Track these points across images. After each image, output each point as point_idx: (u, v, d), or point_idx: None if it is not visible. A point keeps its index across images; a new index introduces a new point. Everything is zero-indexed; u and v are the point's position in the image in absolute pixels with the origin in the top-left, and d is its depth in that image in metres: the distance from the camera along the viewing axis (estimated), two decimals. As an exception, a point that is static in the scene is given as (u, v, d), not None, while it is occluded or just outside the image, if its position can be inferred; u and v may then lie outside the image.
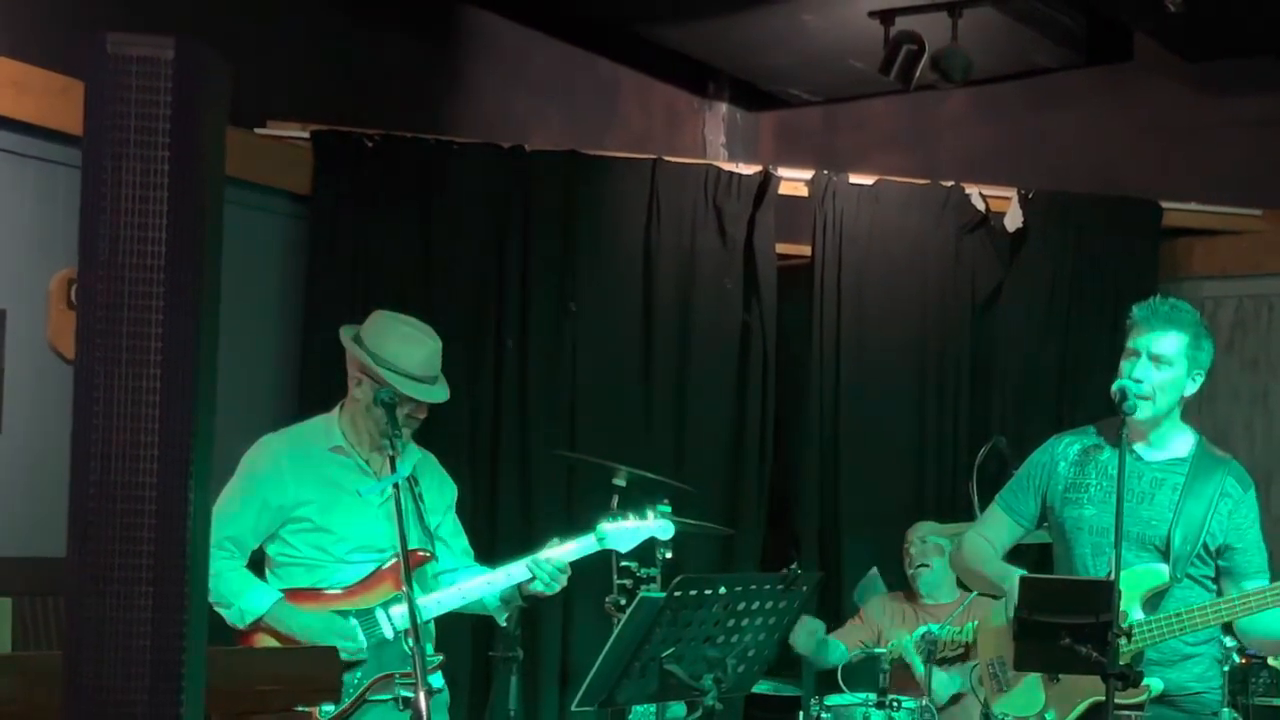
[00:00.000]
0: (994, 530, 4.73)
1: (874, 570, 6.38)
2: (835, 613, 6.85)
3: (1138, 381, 4.36)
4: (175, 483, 1.72)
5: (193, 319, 1.75)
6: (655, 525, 5.13)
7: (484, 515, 6.40)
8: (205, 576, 1.83)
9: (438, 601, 4.82)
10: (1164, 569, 4.36)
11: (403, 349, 4.74)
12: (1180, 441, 4.52)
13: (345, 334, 4.86)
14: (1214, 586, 4.46)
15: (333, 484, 4.81)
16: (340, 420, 4.89)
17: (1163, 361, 4.38)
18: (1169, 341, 4.38)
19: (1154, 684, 4.33)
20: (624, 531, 5.06)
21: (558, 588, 4.94)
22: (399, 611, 4.71)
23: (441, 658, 4.86)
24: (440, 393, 4.84)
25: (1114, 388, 4.34)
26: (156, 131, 1.72)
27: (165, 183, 1.71)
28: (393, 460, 4.51)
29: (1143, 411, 4.37)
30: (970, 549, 4.75)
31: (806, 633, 6.19)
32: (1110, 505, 4.28)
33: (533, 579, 4.88)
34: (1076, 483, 4.54)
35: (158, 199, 1.70)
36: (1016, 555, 4.78)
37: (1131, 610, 4.30)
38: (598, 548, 5.02)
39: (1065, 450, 4.62)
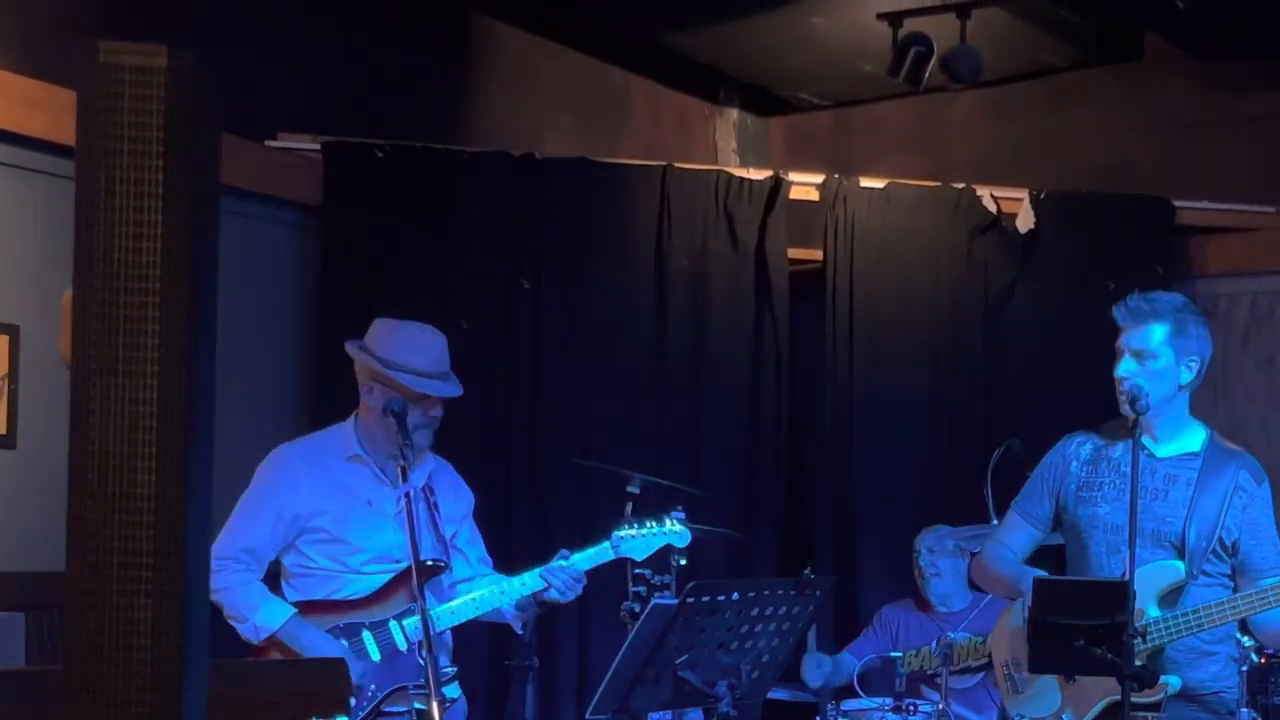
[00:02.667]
0: (1012, 537, 4.73)
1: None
2: (851, 617, 6.83)
3: (1120, 379, 4.38)
4: (173, 493, 1.71)
5: (189, 328, 1.74)
6: (671, 532, 5.12)
7: (498, 523, 6.39)
8: (205, 586, 1.82)
9: (451, 611, 4.81)
10: (1180, 565, 4.34)
11: (410, 349, 4.75)
12: (1190, 435, 4.52)
13: (350, 347, 4.86)
14: (1231, 584, 4.44)
15: (349, 494, 4.80)
16: (356, 429, 4.89)
17: (1145, 355, 4.40)
18: (1147, 335, 4.40)
19: (1171, 682, 4.31)
20: (639, 539, 5.05)
21: (573, 596, 4.93)
22: (413, 622, 4.70)
23: (455, 669, 4.85)
24: (454, 388, 4.84)
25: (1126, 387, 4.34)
26: (150, 140, 1.71)
27: (160, 192, 1.71)
28: (404, 470, 4.50)
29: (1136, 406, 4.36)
30: (990, 557, 4.76)
31: (814, 666, 6.17)
32: (1124, 503, 4.27)
33: (548, 588, 4.87)
34: (1089, 481, 4.54)
35: (152, 208, 1.70)
36: (1040, 558, 4.76)
37: (1148, 608, 4.28)
38: (613, 556, 5.01)
39: (1077, 450, 4.61)
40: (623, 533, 5.04)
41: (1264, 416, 7.29)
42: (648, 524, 5.10)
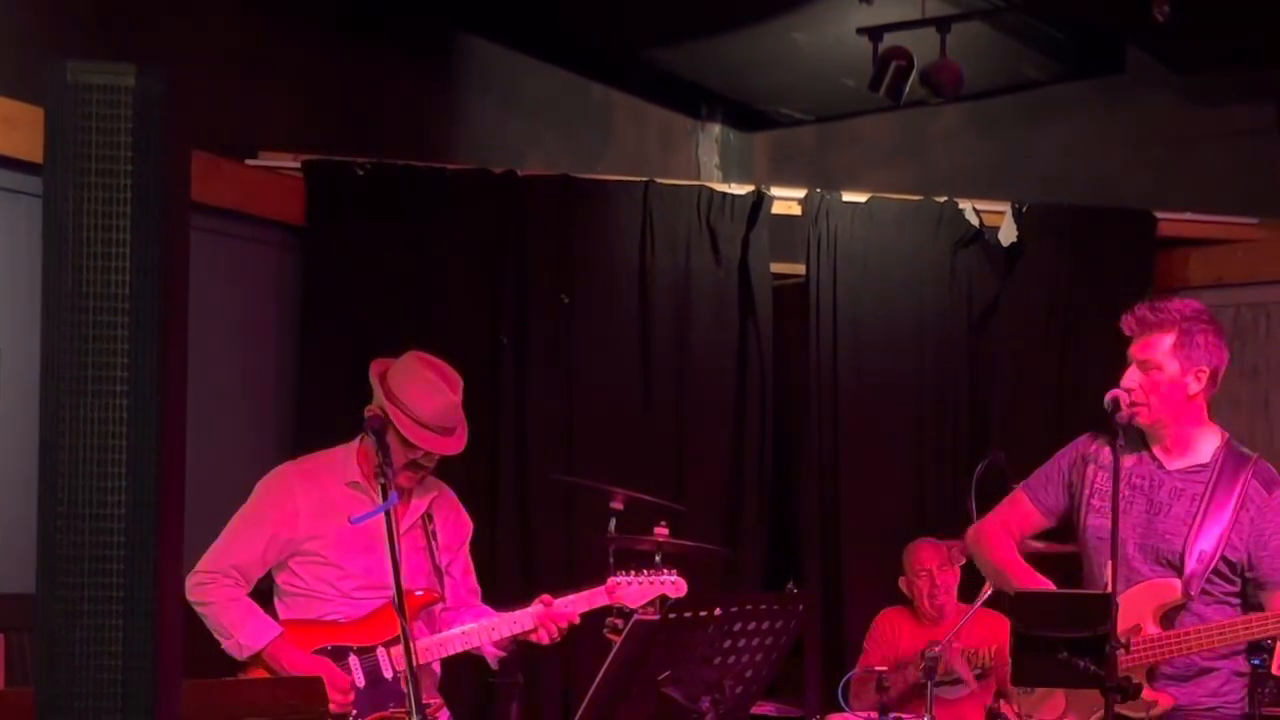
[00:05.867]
0: (1016, 518, 4.63)
1: None
2: (838, 630, 6.83)
3: (1126, 390, 4.31)
4: (144, 513, 1.71)
5: (160, 348, 1.74)
6: (668, 582, 5.13)
7: (483, 539, 6.37)
8: (178, 606, 1.81)
9: (441, 643, 4.80)
10: (1177, 584, 4.30)
11: (420, 395, 4.72)
12: (1204, 445, 4.42)
13: (373, 370, 4.84)
14: (1238, 602, 4.37)
15: (344, 518, 4.78)
16: (358, 454, 4.87)
17: (1150, 365, 4.32)
18: (1153, 345, 4.32)
19: (1164, 698, 4.28)
20: (635, 587, 5.07)
21: (559, 637, 4.95)
22: (399, 651, 4.69)
23: (439, 702, 4.82)
24: (450, 444, 4.80)
25: (1106, 399, 4.31)
26: (118, 160, 1.71)
27: (128, 211, 1.70)
28: (384, 488, 4.46)
29: (1141, 417, 4.32)
30: (990, 539, 4.64)
31: None
32: (1130, 516, 4.27)
33: (536, 629, 4.87)
34: (1099, 489, 4.43)
35: (120, 228, 1.70)
36: (1050, 568, 4.70)
37: (1147, 625, 4.26)
38: (607, 601, 5.03)
39: (1096, 452, 4.50)
40: (619, 579, 5.06)
41: (1249, 428, 7.29)
42: (645, 573, 5.13)
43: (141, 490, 1.71)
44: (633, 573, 5.10)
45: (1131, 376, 4.34)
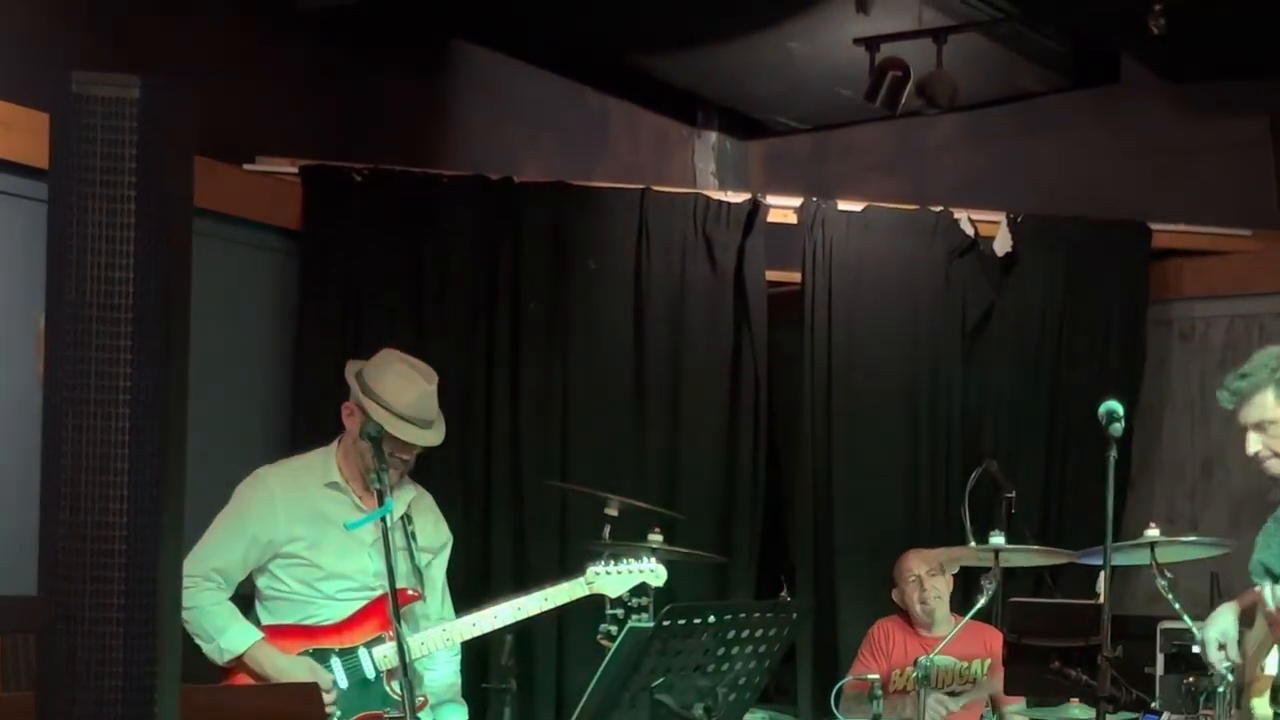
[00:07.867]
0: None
1: None
2: (831, 639, 6.84)
3: (1256, 456, 4.45)
4: (145, 522, 1.72)
5: (162, 358, 1.75)
6: (647, 571, 5.12)
7: (477, 546, 6.40)
8: (178, 615, 1.83)
9: (421, 643, 4.82)
10: (1258, 590, 4.37)
11: (396, 387, 4.74)
12: None
13: (350, 368, 4.86)
14: None
15: (325, 521, 4.81)
16: (337, 455, 4.89)
17: (1266, 424, 4.43)
18: (1258, 406, 4.44)
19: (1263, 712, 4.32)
20: (614, 577, 5.05)
21: None
22: (382, 651, 4.72)
23: (424, 698, 4.84)
24: (429, 436, 4.83)
25: (1100, 410, 4.35)
26: (123, 171, 1.72)
27: (132, 223, 1.71)
28: (380, 494, 4.50)
29: (1274, 469, 4.46)
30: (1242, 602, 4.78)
31: None
32: (1270, 549, 4.43)
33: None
34: (1263, 528, 4.61)
35: (124, 239, 1.71)
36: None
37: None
38: (586, 592, 5.02)
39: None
40: (598, 569, 5.04)
41: (1242, 439, 7.29)
42: (624, 561, 5.11)
43: (143, 498, 1.72)
44: (612, 562, 5.09)
45: (1253, 442, 4.47)
